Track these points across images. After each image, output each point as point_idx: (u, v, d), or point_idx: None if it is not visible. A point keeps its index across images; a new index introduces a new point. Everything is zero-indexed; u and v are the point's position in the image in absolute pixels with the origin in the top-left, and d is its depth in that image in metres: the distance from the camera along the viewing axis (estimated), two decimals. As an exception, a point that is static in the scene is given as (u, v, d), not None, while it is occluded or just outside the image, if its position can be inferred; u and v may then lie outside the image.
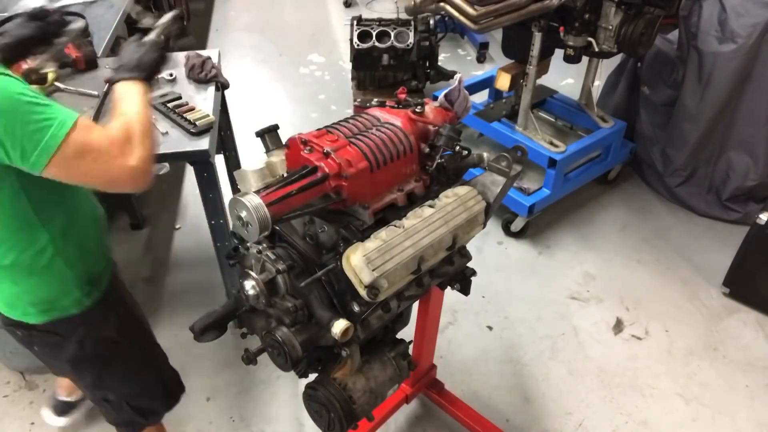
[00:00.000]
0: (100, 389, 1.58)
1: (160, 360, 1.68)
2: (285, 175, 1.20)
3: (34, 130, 1.04)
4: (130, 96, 1.23)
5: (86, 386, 1.59)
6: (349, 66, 3.84)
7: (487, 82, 3.40)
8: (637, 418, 2.18)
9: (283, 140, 1.25)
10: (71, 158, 1.08)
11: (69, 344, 1.42)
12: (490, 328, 2.52)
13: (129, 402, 1.60)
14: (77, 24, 1.42)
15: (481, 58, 4.58)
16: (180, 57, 2.28)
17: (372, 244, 1.12)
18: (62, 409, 2.11)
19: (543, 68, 2.93)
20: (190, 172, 2.08)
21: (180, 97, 2.05)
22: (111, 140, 1.12)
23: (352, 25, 3.67)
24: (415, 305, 1.58)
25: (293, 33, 5.11)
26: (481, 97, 3.51)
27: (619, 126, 3.07)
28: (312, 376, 1.36)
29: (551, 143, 2.85)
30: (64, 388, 2.09)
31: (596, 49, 2.65)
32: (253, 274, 1.23)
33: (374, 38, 3.58)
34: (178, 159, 2.14)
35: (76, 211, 1.34)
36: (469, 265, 1.47)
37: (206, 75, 2.17)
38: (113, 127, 1.15)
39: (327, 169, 1.12)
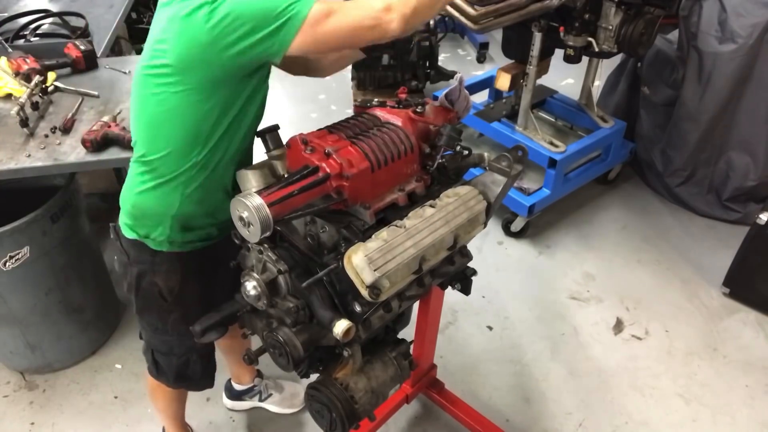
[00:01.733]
0: (141, 323, 1.60)
1: (193, 348, 1.59)
2: (286, 175, 1.20)
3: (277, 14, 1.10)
4: None
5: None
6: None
7: (487, 82, 3.40)
8: (637, 418, 2.18)
9: (284, 140, 1.26)
10: (320, 19, 1.11)
11: (131, 269, 1.46)
12: (490, 328, 2.52)
13: (153, 352, 1.63)
14: None
15: (481, 58, 4.57)
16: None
17: (373, 244, 1.12)
18: (234, 394, 2.17)
19: (543, 68, 2.93)
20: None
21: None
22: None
23: (352, 25, 3.66)
24: (416, 305, 1.58)
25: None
26: (481, 97, 3.51)
27: (619, 126, 3.07)
28: (314, 377, 1.36)
29: (551, 143, 2.85)
30: (234, 375, 2.14)
31: (596, 49, 2.65)
32: (254, 274, 1.23)
33: (374, 38, 3.57)
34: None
35: (229, 157, 1.31)
36: (470, 265, 1.47)
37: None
38: None
39: (328, 170, 1.12)
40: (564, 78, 4.06)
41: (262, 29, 1.10)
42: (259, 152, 1.34)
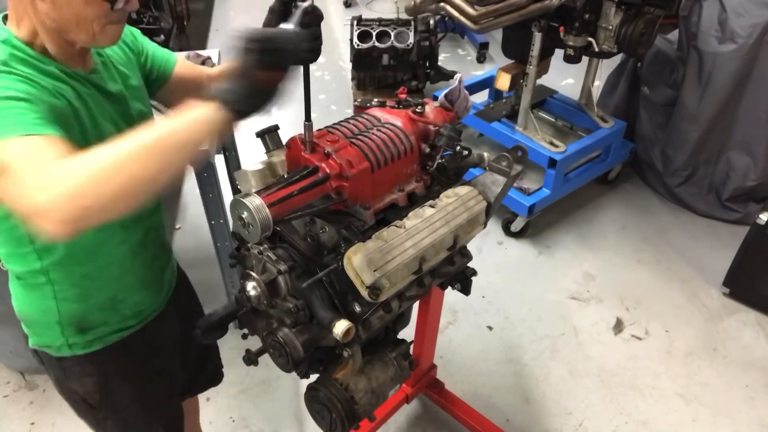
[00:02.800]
0: None
1: None
2: (286, 175, 1.20)
3: None
4: (179, 120, 0.90)
5: None
6: (349, 66, 3.84)
7: (487, 82, 3.40)
8: (637, 418, 2.18)
9: (283, 140, 1.25)
10: None
11: (48, 374, 1.29)
12: (490, 328, 2.52)
13: None
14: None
15: (481, 58, 4.58)
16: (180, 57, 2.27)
17: (373, 244, 1.12)
18: None
19: (543, 68, 2.93)
20: (190, 171, 2.07)
21: (180, 98, 2.05)
22: (42, 166, 0.84)
23: (352, 25, 3.67)
24: (416, 305, 1.58)
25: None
26: (481, 97, 3.51)
27: (619, 126, 3.07)
28: (313, 377, 1.36)
29: (551, 143, 2.85)
30: None
31: (596, 49, 2.65)
32: (254, 274, 1.23)
33: (374, 38, 3.58)
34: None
35: (90, 252, 1.15)
36: (470, 265, 1.46)
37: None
38: (81, 155, 0.85)
39: (328, 170, 1.11)
40: (564, 78, 4.06)
41: None
42: (259, 152, 1.34)
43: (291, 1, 0.99)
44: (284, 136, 1.29)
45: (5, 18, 1.06)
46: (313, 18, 0.96)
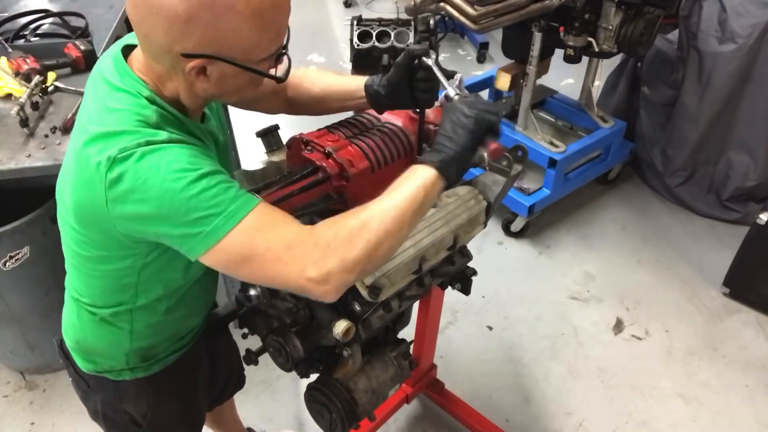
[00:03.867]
0: None
1: None
2: (286, 175, 1.20)
3: (193, 219, 0.86)
4: (406, 187, 0.94)
5: None
6: (349, 66, 3.83)
7: (487, 82, 3.40)
8: (637, 418, 2.18)
9: (283, 140, 1.25)
10: (233, 261, 0.89)
11: (94, 396, 1.29)
12: (490, 328, 2.52)
13: None
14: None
15: (481, 58, 4.57)
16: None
17: (373, 244, 1.12)
18: None
19: (543, 68, 2.93)
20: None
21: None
22: (290, 245, 0.88)
23: (352, 25, 3.66)
24: (416, 305, 1.58)
25: (293, 33, 5.00)
26: (481, 97, 3.51)
27: (619, 126, 3.07)
28: (313, 377, 1.36)
29: (551, 143, 2.85)
30: None
31: (596, 49, 2.65)
32: (254, 274, 1.23)
33: (374, 38, 3.57)
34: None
35: (175, 292, 1.15)
36: (470, 265, 1.47)
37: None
38: (321, 226, 0.91)
39: (328, 170, 1.11)
40: (564, 78, 4.06)
41: (167, 227, 0.88)
42: (260, 152, 1.34)
43: (417, 57, 1.10)
44: (284, 135, 1.29)
45: (126, 57, 0.98)
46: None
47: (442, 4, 2.28)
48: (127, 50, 1.01)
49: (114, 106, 0.92)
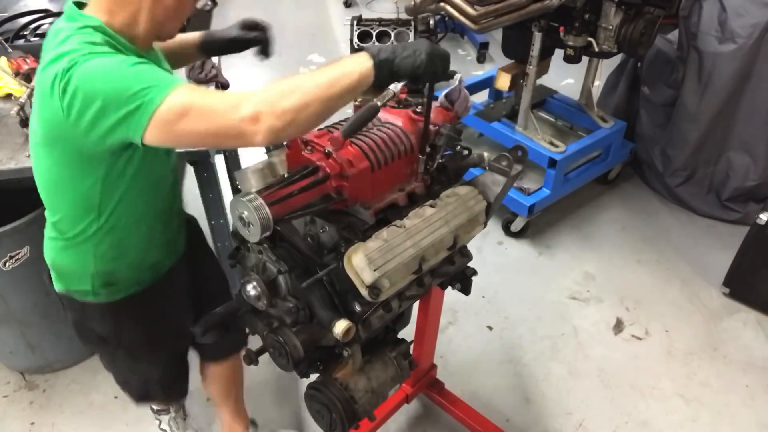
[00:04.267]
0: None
1: (150, 378, 1.61)
2: (286, 175, 1.20)
3: (133, 94, 0.99)
4: (342, 64, 1.04)
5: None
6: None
7: (487, 82, 3.40)
8: (637, 418, 2.18)
9: (284, 140, 1.25)
10: (172, 121, 0.99)
11: (67, 314, 1.47)
12: (490, 328, 2.52)
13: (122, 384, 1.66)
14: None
15: (481, 58, 4.58)
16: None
17: (373, 244, 1.12)
18: None
19: (543, 68, 2.93)
20: (190, 171, 2.07)
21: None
22: (222, 96, 1.01)
23: (352, 25, 3.67)
24: (416, 305, 1.58)
25: (293, 33, 5.11)
26: (481, 97, 3.51)
27: (619, 126, 3.07)
28: (313, 377, 1.36)
29: (551, 143, 2.85)
30: (227, 426, 2.02)
31: (596, 49, 2.65)
32: (254, 274, 1.23)
33: (374, 38, 3.58)
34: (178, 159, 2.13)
35: (134, 220, 1.30)
36: (470, 265, 1.47)
37: (206, 75, 2.17)
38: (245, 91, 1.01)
39: (328, 169, 1.12)
40: (564, 78, 4.07)
41: (114, 111, 1.00)
42: (260, 152, 1.34)
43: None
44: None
45: (78, 5, 1.14)
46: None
47: (442, 4, 2.28)
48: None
49: (63, 37, 1.08)
